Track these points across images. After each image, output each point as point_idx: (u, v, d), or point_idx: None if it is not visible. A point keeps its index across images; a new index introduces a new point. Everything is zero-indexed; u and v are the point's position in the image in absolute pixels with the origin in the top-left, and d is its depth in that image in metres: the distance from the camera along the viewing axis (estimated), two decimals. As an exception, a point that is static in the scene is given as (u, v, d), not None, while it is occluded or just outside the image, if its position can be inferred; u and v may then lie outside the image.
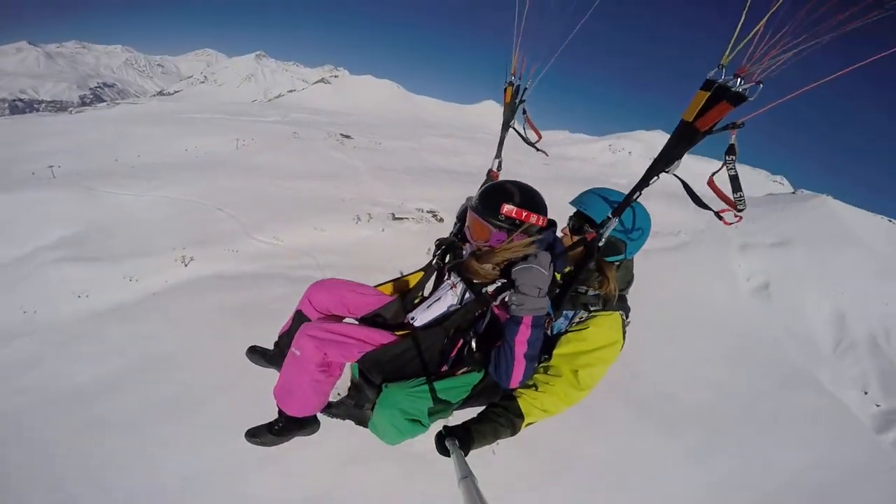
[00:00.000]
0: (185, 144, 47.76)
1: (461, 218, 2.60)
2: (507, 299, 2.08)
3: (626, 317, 2.26)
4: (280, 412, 2.40)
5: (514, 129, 2.83)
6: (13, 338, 14.33)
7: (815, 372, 18.63)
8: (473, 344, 2.27)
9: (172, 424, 9.39)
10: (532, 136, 2.80)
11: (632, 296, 2.36)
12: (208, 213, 25.90)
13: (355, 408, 2.58)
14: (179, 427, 9.36)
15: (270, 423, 2.43)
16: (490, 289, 2.15)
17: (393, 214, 24.83)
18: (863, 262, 32.98)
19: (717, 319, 20.16)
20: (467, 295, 2.29)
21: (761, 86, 1.46)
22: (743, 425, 11.47)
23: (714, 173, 1.67)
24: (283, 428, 2.40)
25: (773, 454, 10.67)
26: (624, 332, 2.23)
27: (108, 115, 78.27)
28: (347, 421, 2.63)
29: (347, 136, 58.95)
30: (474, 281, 2.24)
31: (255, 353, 2.87)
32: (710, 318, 19.98)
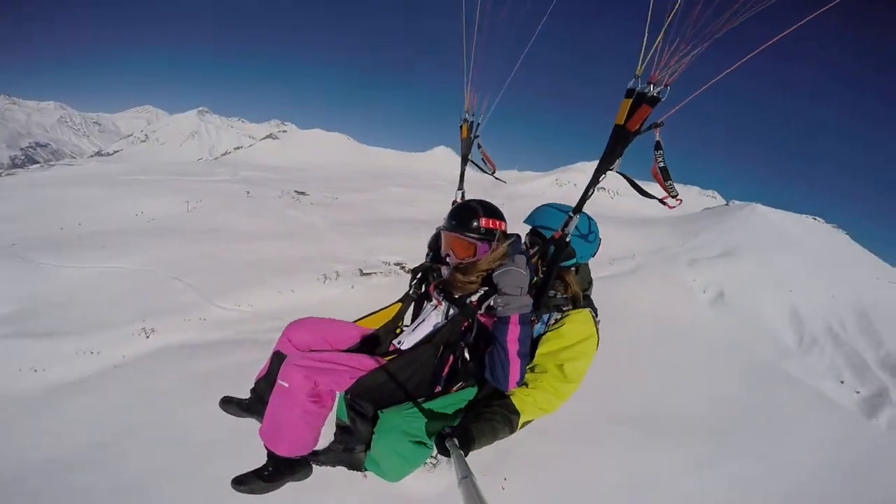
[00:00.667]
0: (132, 209, 45.64)
1: (433, 246, 2.70)
2: (492, 303, 2.17)
3: (596, 315, 2.43)
4: (269, 455, 2.24)
5: (472, 161, 3.02)
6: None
7: (789, 368, 19.78)
8: (466, 354, 2.28)
9: (154, 495, 8.88)
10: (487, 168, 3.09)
11: (604, 321, 2.61)
12: (165, 283, 24.75)
13: (345, 452, 2.45)
14: (163, 497, 8.81)
15: (260, 469, 2.27)
16: (473, 298, 2.25)
17: (360, 270, 24.78)
18: (802, 260, 36.09)
19: (685, 332, 21.04)
20: (451, 311, 2.34)
21: (668, 88, 1.77)
22: (741, 428, 11.89)
23: (652, 167, 1.89)
24: (274, 472, 2.23)
25: (778, 451, 11.09)
26: (596, 328, 2.38)
27: (44, 177, 73.41)
28: (341, 471, 2.49)
29: (302, 193, 58.48)
30: (456, 296, 2.33)
31: (230, 404, 2.71)
32: (678, 332, 20.82)
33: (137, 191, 54.74)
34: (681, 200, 1.93)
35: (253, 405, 2.64)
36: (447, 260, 2.46)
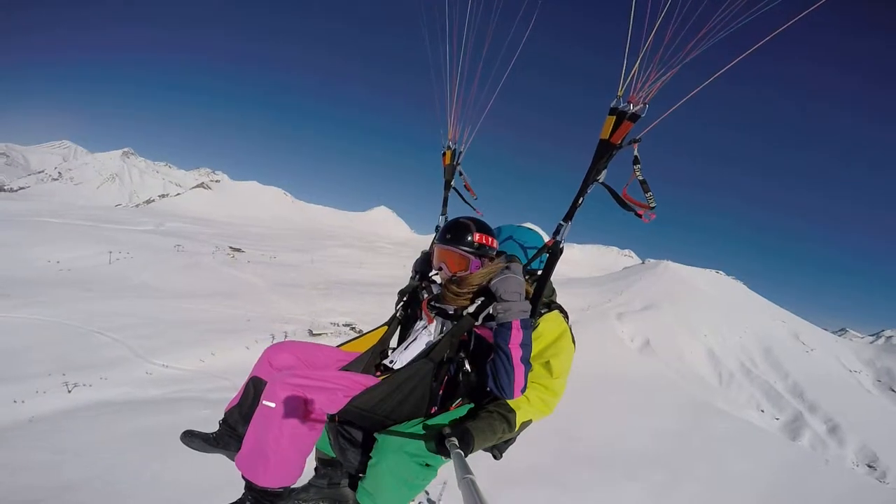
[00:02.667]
0: (44, 255, 41.70)
1: (418, 268, 2.68)
2: (491, 310, 2.13)
3: (566, 317, 2.49)
4: (248, 486, 1.95)
5: (454, 189, 3.01)
6: None
7: (715, 402, 22.09)
8: (467, 366, 2.21)
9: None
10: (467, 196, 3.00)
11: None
12: (87, 336, 22.68)
13: (330, 487, 2.27)
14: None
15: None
16: (470, 310, 2.18)
17: (310, 331, 24.43)
18: (710, 308, 41.69)
19: (622, 377, 22.86)
20: (445, 326, 2.27)
21: (647, 106, 1.95)
22: (685, 457, 13.06)
23: (627, 183, 2.01)
24: None
25: (722, 475, 12.36)
26: (569, 325, 2.43)
27: None
28: None
29: (238, 250, 55.77)
30: (450, 311, 2.28)
31: (194, 437, 2.34)
32: (616, 377, 22.58)
33: (52, 236, 49.85)
34: (654, 215, 2.02)
35: (222, 438, 2.30)
36: (438, 275, 2.42)
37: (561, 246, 2.16)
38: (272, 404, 1.84)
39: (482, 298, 2.15)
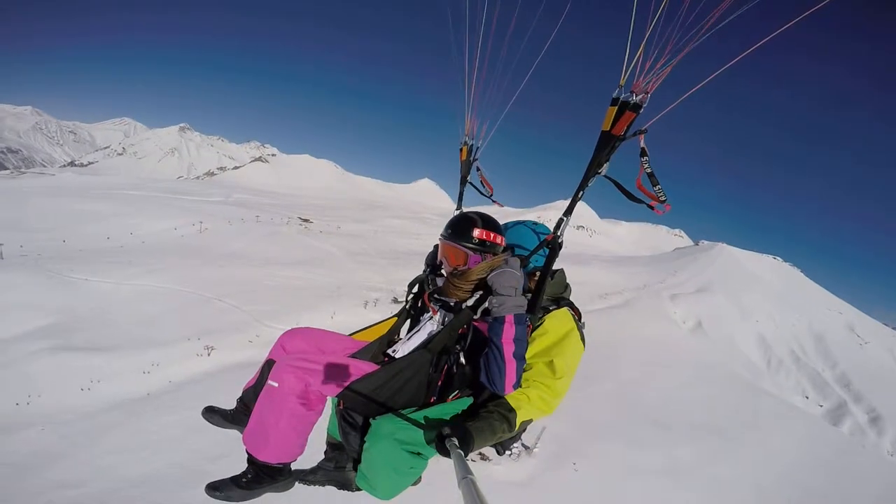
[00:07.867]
0: (140, 225, 45.50)
1: (430, 262, 2.74)
2: (487, 304, 2.18)
3: (578, 317, 2.51)
4: (251, 460, 2.16)
5: (471, 183, 3.08)
6: (17, 430, 12.99)
7: (763, 385, 23.44)
8: (462, 360, 2.27)
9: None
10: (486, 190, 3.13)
11: (615, 345, 3.83)
12: (208, 303, 25.21)
13: (336, 470, 2.42)
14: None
15: (238, 476, 2.16)
16: (469, 303, 2.25)
17: (395, 298, 25.77)
18: (765, 294, 41.56)
19: (675, 354, 24.36)
20: (447, 318, 2.34)
21: (649, 95, 1.92)
22: (735, 427, 14.81)
23: (638, 176, 1.98)
24: (253, 479, 2.14)
25: (768, 445, 13.98)
26: (578, 325, 2.44)
27: (18, 186, 69.26)
28: (330, 489, 2.47)
29: (307, 220, 58.51)
30: (451, 303, 2.33)
31: (214, 413, 2.59)
32: (670, 354, 24.09)
33: (139, 207, 53.91)
34: (669, 206, 1.98)
35: (238, 415, 2.55)
36: (442, 269, 2.50)
37: (560, 241, 2.24)
38: (275, 384, 2.06)
39: (481, 292, 2.25)
